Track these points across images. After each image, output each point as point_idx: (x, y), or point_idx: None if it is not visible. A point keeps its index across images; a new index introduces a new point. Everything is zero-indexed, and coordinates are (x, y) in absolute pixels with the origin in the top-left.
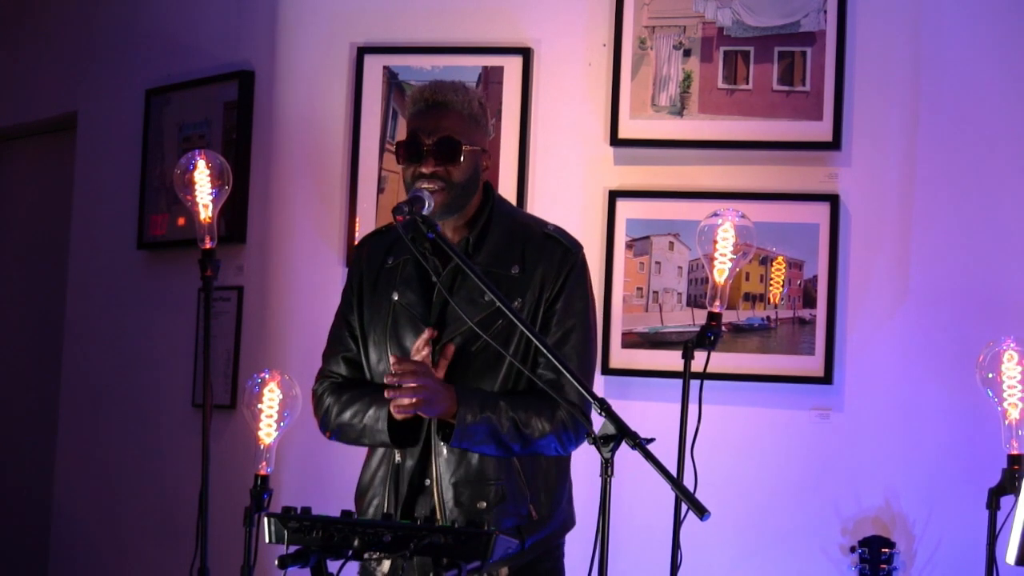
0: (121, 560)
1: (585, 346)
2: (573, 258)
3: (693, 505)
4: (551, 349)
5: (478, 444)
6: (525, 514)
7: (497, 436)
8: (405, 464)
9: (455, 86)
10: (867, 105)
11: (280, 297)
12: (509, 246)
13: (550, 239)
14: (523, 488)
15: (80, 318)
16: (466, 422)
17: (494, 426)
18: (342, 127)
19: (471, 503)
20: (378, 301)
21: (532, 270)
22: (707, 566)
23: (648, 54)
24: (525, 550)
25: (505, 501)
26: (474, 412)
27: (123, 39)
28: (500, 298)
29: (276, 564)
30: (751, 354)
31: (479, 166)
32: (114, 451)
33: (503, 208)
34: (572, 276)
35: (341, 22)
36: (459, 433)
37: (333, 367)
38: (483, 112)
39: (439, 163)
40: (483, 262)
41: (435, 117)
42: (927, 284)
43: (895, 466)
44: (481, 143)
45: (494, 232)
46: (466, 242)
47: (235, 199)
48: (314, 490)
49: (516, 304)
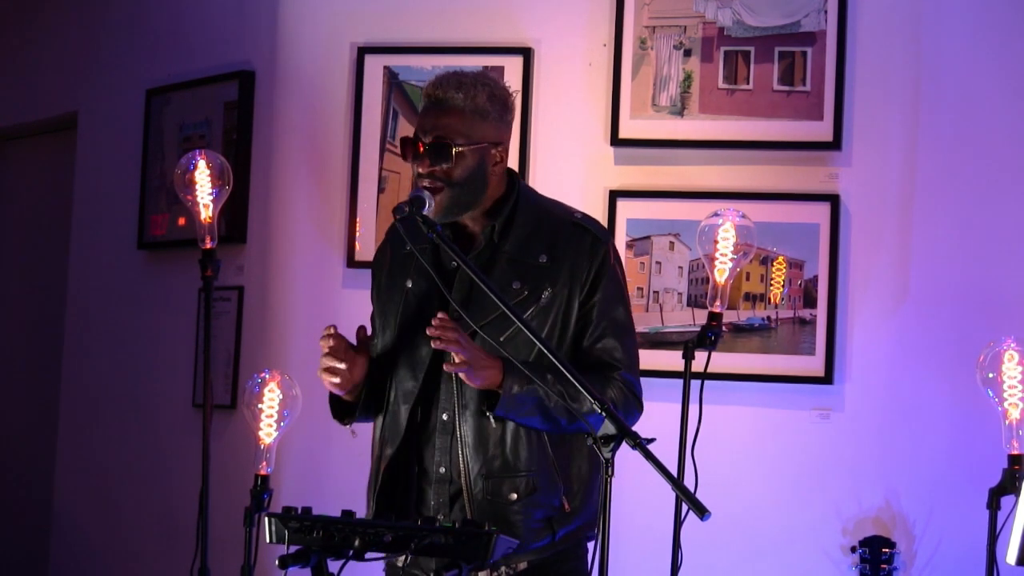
0: (121, 560)
1: (629, 333)
2: (603, 247)
3: (693, 505)
4: (555, 352)
5: (524, 416)
6: (557, 505)
7: (544, 408)
8: (385, 453)
9: (462, 80)
10: (867, 105)
11: (280, 297)
12: (536, 235)
13: (578, 228)
14: (556, 479)
15: (80, 318)
16: (512, 392)
17: (540, 398)
18: (342, 127)
19: (502, 495)
20: (394, 284)
21: (562, 260)
22: (707, 566)
23: (648, 54)
24: (556, 541)
25: (536, 492)
26: (521, 382)
27: (123, 39)
28: (504, 301)
29: (276, 564)
30: (751, 354)
31: (485, 160)
32: (114, 451)
33: (529, 196)
34: (605, 267)
35: (341, 22)
36: (505, 402)
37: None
38: (493, 104)
39: (433, 164)
40: (509, 251)
41: (434, 115)
42: (927, 284)
43: (895, 466)
44: (488, 137)
45: (520, 221)
46: (491, 230)
47: (235, 199)
48: (314, 490)
49: (547, 294)
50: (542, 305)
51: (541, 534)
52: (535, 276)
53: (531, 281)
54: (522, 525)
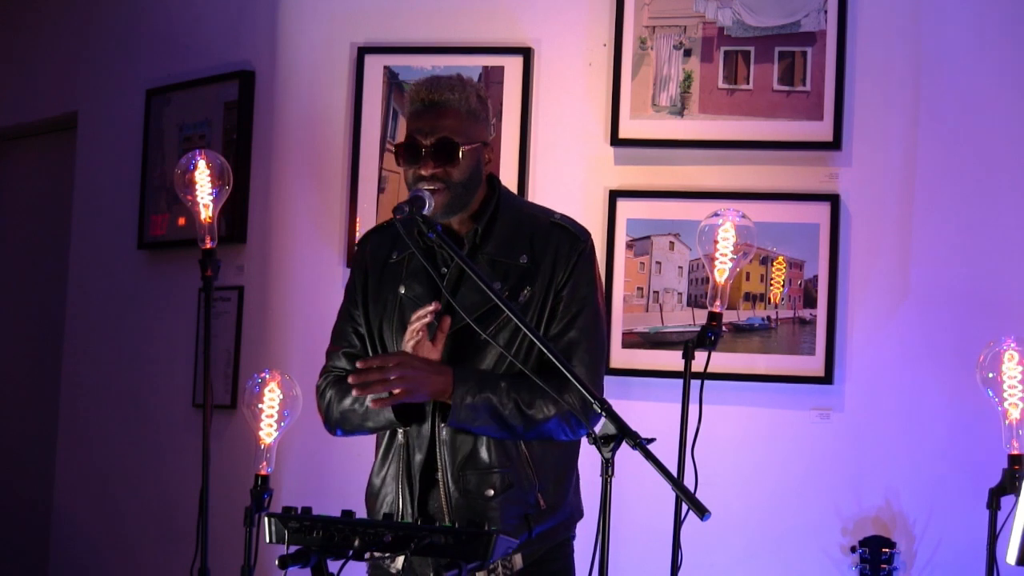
0: (121, 560)
1: (593, 330)
2: (582, 246)
3: (693, 505)
4: (547, 344)
5: (478, 424)
6: (533, 502)
7: (499, 416)
8: (415, 459)
9: (451, 82)
10: (867, 105)
11: (280, 297)
12: (516, 236)
13: (557, 227)
14: (531, 476)
15: (80, 318)
16: (464, 402)
17: (494, 406)
18: (342, 127)
19: (478, 491)
20: (384, 296)
21: (541, 259)
22: (707, 566)
23: (648, 54)
24: (533, 539)
25: (512, 489)
26: (473, 392)
27: (123, 39)
28: (499, 297)
29: (276, 564)
30: (751, 354)
31: (480, 161)
32: (114, 451)
33: (509, 199)
34: (580, 263)
35: (341, 22)
36: (456, 412)
37: (335, 362)
38: (482, 105)
39: (438, 164)
40: (491, 252)
41: (432, 117)
42: (927, 284)
43: (895, 466)
44: (481, 137)
45: (501, 223)
46: (474, 233)
47: (235, 199)
48: (314, 490)
49: (526, 293)
50: (520, 304)
51: (518, 530)
52: (516, 277)
53: (511, 281)
54: (500, 521)
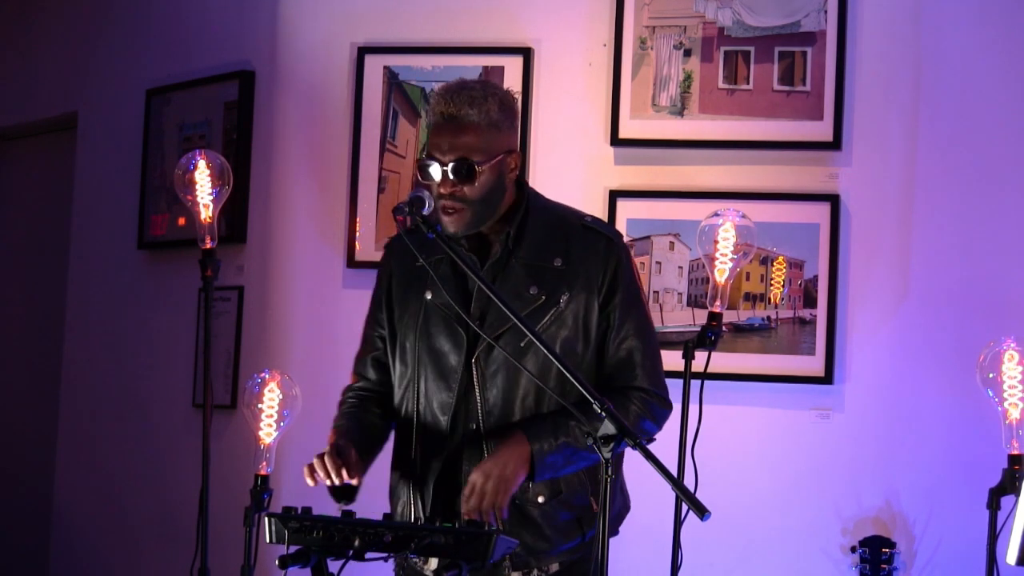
0: (121, 560)
1: (647, 332)
2: (617, 248)
3: (693, 505)
4: (561, 359)
5: (562, 469)
6: (585, 505)
7: (579, 454)
8: (431, 465)
9: (472, 95)
10: (867, 105)
11: (280, 297)
12: (550, 239)
13: (590, 231)
14: (583, 479)
15: (80, 318)
16: (545, 459)
17: (573, 447)
18: (342, 127)
19: (530, 498)
20: (409, 300)
21: (577, 264)
22: (707, 566)
23: (648, 54)
24: (586, 542)
25: (563, 493)
26: (549, 442)
27: (123, 39)
28: (507, 305)
29: (276, 564)
30: (751, 354)
31: (503, 171)
32: (114, 451)
33: (538, 202)
34: (621, 268)
35: (341, 22)
36: (540, 469)
37: (361, 369)
38: (504, 115)
39: (455, 184)
40: (524, 256)
41: (450, 134)
42: (927, 284)
43: (895, 466)
44: (503, 147)
45: (533, 226)
46: (506, 237)
47: (235, 199)
48: (314, 490)
49: (564, 297)
50: (561, 309)
51: (571, 535)
52: (552, 280)
53: (548, 285)
54: (548, 527)
